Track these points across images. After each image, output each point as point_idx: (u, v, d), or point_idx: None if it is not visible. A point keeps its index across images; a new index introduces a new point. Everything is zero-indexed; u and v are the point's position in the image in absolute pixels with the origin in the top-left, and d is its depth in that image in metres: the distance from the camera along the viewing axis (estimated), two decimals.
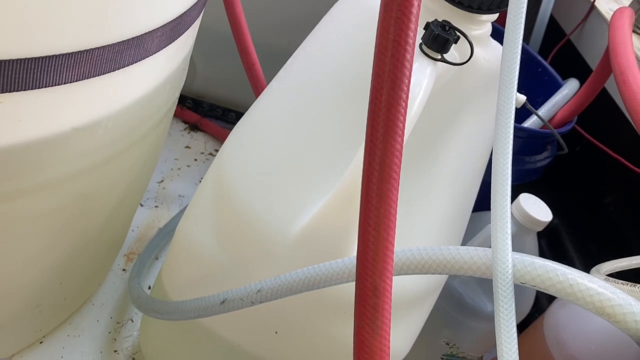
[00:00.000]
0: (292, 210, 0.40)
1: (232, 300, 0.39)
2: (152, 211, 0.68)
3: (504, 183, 0.29)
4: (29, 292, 0.44)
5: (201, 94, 0.80)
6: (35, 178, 0.35)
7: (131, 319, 0.57)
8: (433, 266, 0.29)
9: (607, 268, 0.43)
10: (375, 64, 0.24)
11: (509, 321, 0.27)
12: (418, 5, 0.23)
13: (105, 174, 0.41)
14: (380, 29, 0.23)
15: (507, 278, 0.27)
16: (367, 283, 0.25)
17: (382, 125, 0.24)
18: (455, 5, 0.39)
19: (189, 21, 0.39)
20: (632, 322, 0.25)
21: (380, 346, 0.25)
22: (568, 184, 0.85)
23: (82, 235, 0.45)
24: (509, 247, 0.28)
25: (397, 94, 0.24)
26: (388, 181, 0.24)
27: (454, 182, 0.44)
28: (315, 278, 0.35)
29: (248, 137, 0.44)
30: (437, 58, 0.37)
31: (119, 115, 0.37)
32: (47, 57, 0.30)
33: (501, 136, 0.29)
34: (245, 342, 0.45)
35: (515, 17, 0.30)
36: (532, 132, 0.58)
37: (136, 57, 0.35)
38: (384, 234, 0.24)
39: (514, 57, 0.31)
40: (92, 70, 0.33)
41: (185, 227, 0.45)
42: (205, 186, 0.45)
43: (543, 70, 0.69)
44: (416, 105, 0.36)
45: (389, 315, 0.25)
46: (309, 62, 0.44)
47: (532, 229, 0.54)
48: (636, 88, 0.37)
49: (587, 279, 0.26)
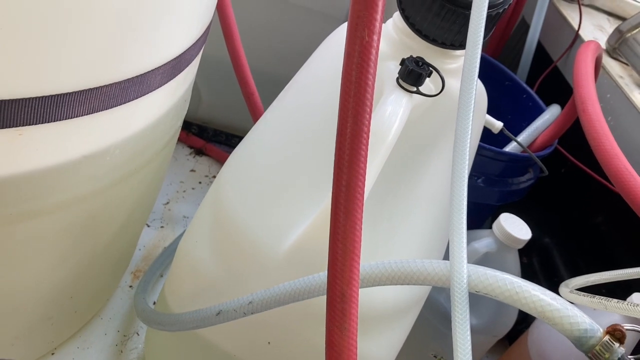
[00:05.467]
0: (283, 228, 0.43)
1: (227, 311, 0.42)
2: (158, 231, 0.72)
3: (460, 204, 0.33)
4: (42, 305, 0.48)
5: (206, 120, 0.85)
6: (50, 200, 0.40)
7: (137, 332, 0.61)
8: (398, 277, 0.33)
9: (575, 283, 0.47)
10: (341, 100, 0.28)
11: (464, 326, 0.30)
12: (375, 54, 0.27)
13: (112, 195, 0.45)
14: (344, 72, 0.27)
15: (463, 287, 0.31)
16: (336, 290, 0.28)
17: (347, 155, 0.28)
18: (430, 43, 0.43)
19: (189, 59, 0.44)
20: (568, 324, 0.28)
21: (348, 346, 0.28)
22: (557, 204, 0.88)
23: (91, 252, 0.49)
24: (465, 260, 0.31)
25: (360, 128, 0.27)
26: (353, 201, 0.28)
27: (434, 202, 0.48)
28: (301, 290, 0.39)
29: (244, 162, 0.48)
30: (413, 90, 0.41)
31: (124, 143, 0.41)
32: (60, 94, 0.34)
33: (457, 161, 0.33)
34: (240, 353, 0.49)
35: (472, 56, 0.34)
36: (512, 155, 0.62)
37: (139, 92, 0.39)
38: (350, 247, 0.28)
39: (470, 88, 0.34)
40: (100, 105, 0.37)
41: (186, 245, 0.49)
42: (204, 206, 0.49)
43: (528, 96, 0.73)
44: (392, 132, 0.40)
45: (355, 319, 0.28)
46: (299, 93, 0.48)
47: (512, 246, 0.57)
48: (594, 116, 0.41)
49: (531, 287, 0.30)
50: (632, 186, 0.37)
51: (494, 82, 0.74)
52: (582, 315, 0.29)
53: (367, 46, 0.27)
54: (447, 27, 0.41)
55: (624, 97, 0.68)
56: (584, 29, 0.82)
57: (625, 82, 0.71)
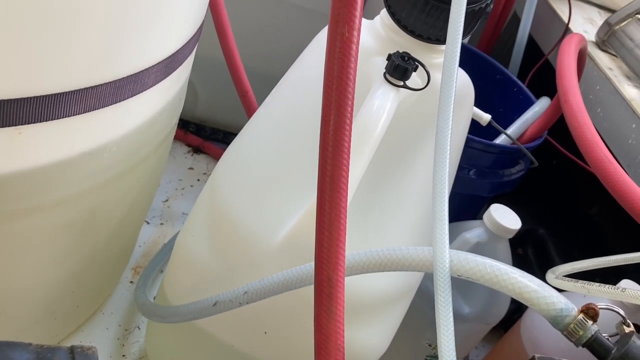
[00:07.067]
0: (275, 221, 0.45)
1: (223, 302, 0.44)
2: (158, 228, 0.73)
3: (442, 191, 0.34)
4: (45, 299, 0.49)
5: (203, 119, 0.86)
6: (50, 196, 0.41)
7: (138, 326, 0.62)
8: (384, 264, 0.34)
9: (563, 269, 0.48)
10: (324, 95, 0.29)
11: (447, 308, 0.32)
12: (356, 49, 0.28)
13: (111, 192, 0.47)
14: (327, 67, 0.29)
15: (445, 271, 0.32)
16: (322, 276, 0.30)
17: (331, 147, 0.29)
18: (416, 38, 0.45)
19: (182, 58, 0.45)
20: (544, 305, 0.30)
21: (336, 329, 0.30)
22: (551, 196, 0.90)
23: (92, 248, 0.50)
24: (447, 245, 0.33)
25: (342, 121, 0.29)
26: (337, 190, 0.29)
27: (423, 195, 0.49)
28: (293, 279, 0.40)
29: (238, 158, 0.49)
30: (399, 85, 0.42)
31: (121, 140, 0.43)
32: (57, 94, 0.36)
33: (439, 150, 0.35)
34: (238, 343, 0.50)
35: (452, 50, 0.36)
36: (502, 147, 0.63)
37: (134, 91, 0.40)
38: (335, 234, 0.29)
39: (450, 80, 0.36)
40: (97, 104, 0.38)
41: (183, 239, 0.50)
42: (200, 202, 0.50)
43: (518, 89, 0.74)
44: (380, 125, 0.41)
45: (342, 303, 0.30)
46: (291, 90, 0.50)
47: (503, 236, 0.58)
48: (575, 106, 0.42)
49: (510, 270, 0.31)
50: (612, 174, 0.39)
51: (485, 76, 0.76)
52: (558, 295, 0.30)
53: (348, 42, 0.28)
54: (431, 23, 0.43)
55: (613, 88, 0.69)
56: (574, 22, 0.83)
57: (615, 74, 0.73)
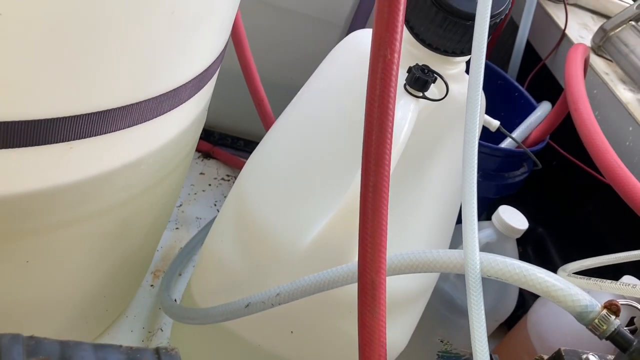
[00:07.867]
0: (303, 224, 0.47)
1: (255, 303, 0.46)
2: (174, 232, 0.75)
3: (471, 197, 0.36)
4: (81, 303, 0.51)
5: (212, 125, 0.89)
6: (92, 206, 0.43)
7: (160, 328, 0.65)
8: (419, 266, 0.37)
9: (572, 267, 0.51)
10: (367, 112, 0.32)
11: (479, 307, 0.34)
12: (396, 70, 0.31)
13: (143, 202, 0.49)
14: (369, 86, 0.31)
15: (476, 272, 0.35)
16: (367, 279, 0.32)
17: (374, 159, 0.31)
18: (433, 51, 0.47)
19: (212, 72, 0.47)
20: (570, 302, 0.32)
21: (379, 327, 0.32)
22: (551, 196, 0.93)
23: (123, 254, 0.52)
24: (477, 248, 0.35)
25: (384, 135, 0.31)
26: (380, 200, 0.32)
27: (439, 198, 0.52)
28: (326, 281, 0.42)
29: (263, 164, 0.52)
30: (419, 96, 0.45)
31: (157, 152, 0.45)
32: (104, 111, 0.38)
33: (468, 160, 0.37)
34: (265, 342, 0.52)
35: (478, 60, 0.38)
36: (508, 151, 0.66)
37: (172, 105, 0.43)
38: (378, 240, 0.32)
39: (476, 93, 0.38)
40: (139, 118, 0.40)
41: (211, 243, 0.53)
42: (227, 207, 0.53)
43: (519, 94, 0.77)
44: (403, 134, 0.44)
45: (384, 303, 0.32)
46: (312, 100, 0.52)
47: (511, 236, 0.61)
48: (585, 115, 0.45)
49: (537, 271, 0.34)
50: (622, 179, 0.41)
51: (487, 82, 0.78)
52: (582, 293, 0.33)
53: (389, 63, 0.31)
54: (448, 37, 0.45)
55: (610, 92, 0.73)
56: (570, 28, 0.86)
57: (611, 78, 0.76)
